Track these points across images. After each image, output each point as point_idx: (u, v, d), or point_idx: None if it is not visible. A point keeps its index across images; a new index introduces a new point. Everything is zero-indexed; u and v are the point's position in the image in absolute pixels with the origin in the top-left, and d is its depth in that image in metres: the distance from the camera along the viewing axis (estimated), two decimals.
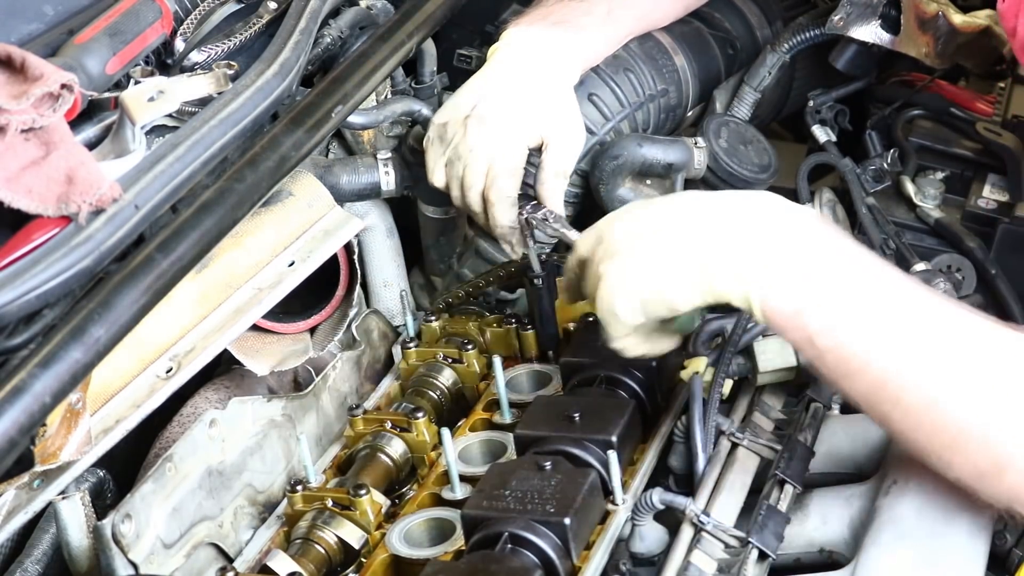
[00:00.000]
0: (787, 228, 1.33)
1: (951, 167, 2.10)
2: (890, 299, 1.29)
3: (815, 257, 1.31)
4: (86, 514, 1.43)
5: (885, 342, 1.27)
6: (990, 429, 1.23)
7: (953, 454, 1.25)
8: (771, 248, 1.32)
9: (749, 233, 1.34)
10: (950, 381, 1.25)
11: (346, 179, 1.87)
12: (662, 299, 1.38)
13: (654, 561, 1.46)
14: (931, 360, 1.26)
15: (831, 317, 1.28)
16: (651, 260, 1.38)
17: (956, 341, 1.27)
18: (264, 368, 1.71)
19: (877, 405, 1.29)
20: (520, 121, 1.79)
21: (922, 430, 1.26)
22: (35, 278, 1.23)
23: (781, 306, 1.30)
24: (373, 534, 1.53)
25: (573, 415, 1.53)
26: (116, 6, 1.57)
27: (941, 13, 1.89)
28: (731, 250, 1.33)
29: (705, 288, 1.35)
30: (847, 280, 1.30)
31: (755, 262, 1.32)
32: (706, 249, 1.35)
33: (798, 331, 1.30)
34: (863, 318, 1.28)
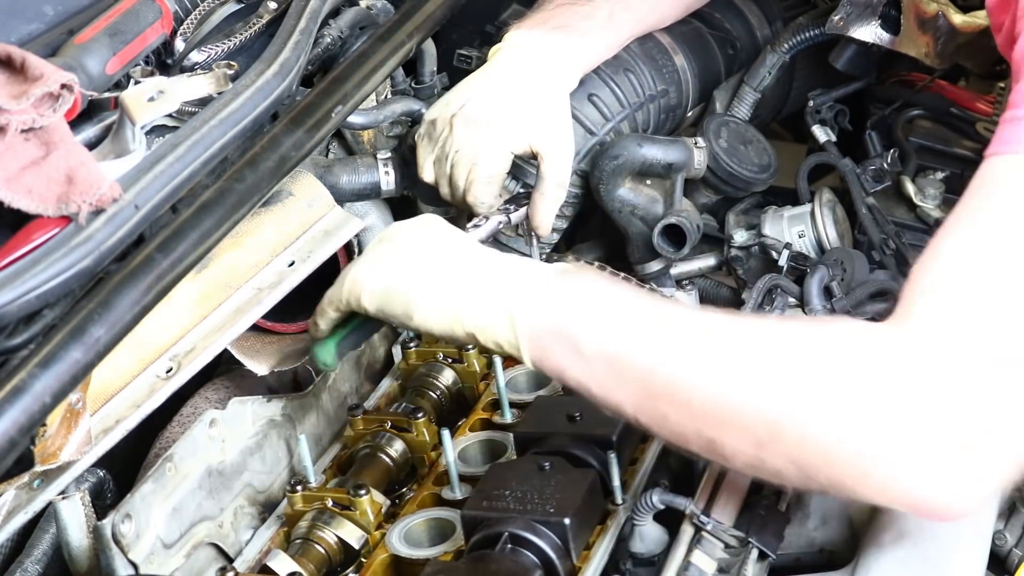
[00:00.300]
0: (543, 270, 1.37)
1: (951, 167, 2.09)
2: (645, 305, 1.32)
3: (572, 284, 1.34)
4: (86, 514, 1.43)
5: (647, 338, 1.28)
6: (759, 397, 1.22)
7: (730, 432, 1.24)
8: (530, 282, 1.35)
9: (509, 272, 1.37)
10: (714, 362, 1.25)
11: (346, 179, 1.87)
12: (406, 302, 1.39)
13: (654, 561, 1.46)
14: (692, 348, 1.27)
15: (595, 324, 1.30)
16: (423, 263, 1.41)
17: (711, 330, 1.28)
18: (264, 368, 1.71)
19: (652, 404, 1.28)
20: (506, 126, 1.79)
21: (696, 416, 1.25)
22: (35, 278, 1.23)
23: (545, 324, 1.32)
24: (373, 534, 1.53)
25: (573, 415, 1.53)
26: (116, 6, 1.57)
27: (941, 13, 1.89)
28: (494, 285, 1.36)
29: (457, 315, 1.37)
30: (603, 296, 1.33)
31: (517, 292, 1.34)
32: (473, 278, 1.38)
33: (564, 345, 1.30)
34: (624, 322, 1.30)
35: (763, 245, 1.93)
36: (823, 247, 1.94)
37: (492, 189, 1.78)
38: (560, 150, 1.81)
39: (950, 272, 1.25)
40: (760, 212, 1.99)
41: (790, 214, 1.97)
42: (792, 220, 1.96)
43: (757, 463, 1.25)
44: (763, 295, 1.74)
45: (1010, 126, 1.32)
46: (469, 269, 1.40)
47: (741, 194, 2.03)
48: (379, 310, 1.43)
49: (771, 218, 1.96)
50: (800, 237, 1.95)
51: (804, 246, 1.94)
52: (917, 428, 1.18)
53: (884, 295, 1.77)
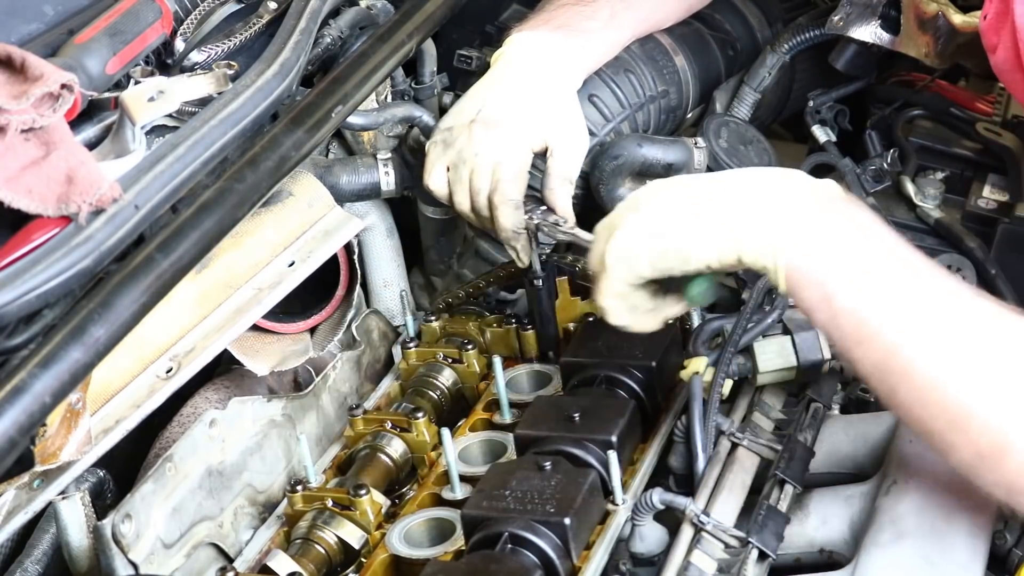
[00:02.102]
0: (813, 196, 1.35)
1: (951, 167, 2.09)
2: (907, 272, 1.30)
3: (837, 224, 1.33)
4: (86, 514, 1.43)
5: (899, 312, 1.27)
6: (994, 411, 1.22)
7: (955, 435, 1.24)
8: (796, 212, 1.34)
9: (775, 197, 1.36)
10: (959, 360, 1.25)
11: (346, 179, 1.87)
12: (677, 249, 1.37)
13: (654, 561, 1.46)
14: (941, 337, 1.26)
15: (850, 280, 1.29)
16: (674, 213, 1.39)
17: (967, 322, 1.27)
18: (264, 368, 1.71)
19: (885, 377, 1.28)
20: (525, 125, 1.79)
21: (927, 408, 1.26)
22: (35, 278, 1.23)
23: (802, 264, 1.31)
24: (373, 534, 1.53)
25: (573, 415, 1.53)
26: (116, 6, 1.57)
27: (941, 13, 1.89)
28: (756, 209, 1.35)
29: (724, 243, 1.35)
30: (867, 249, 1.31)
31: (780, 221, 1.33)
32: (731, 206, 1.36)
33: (816, 289, 1.30)
34: (880, 286, 1.29)
35: None
36: None
37: (519, 186, 1.77)
38: (572, 144, 1.81)
39: None
40: None
41: None
42: None
43: (972, 472, 1.25)
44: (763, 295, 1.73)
45: None
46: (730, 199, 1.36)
47: None
48: (655, 269, 1.40)
49: None
50: None
51: None
52: None
53: None
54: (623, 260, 1.41)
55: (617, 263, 1.41)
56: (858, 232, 1.32)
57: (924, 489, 1.40)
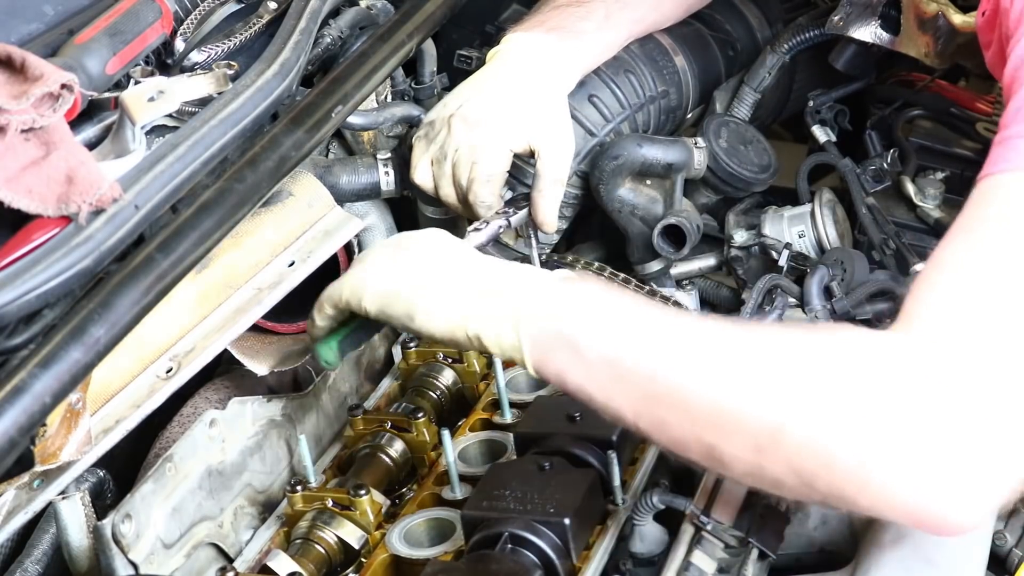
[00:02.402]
0: (546, 278, 1.38)
1: (951, 167, 2.09)
2: (647, 312, 1.32)
3: (576, 291, 1.34)
4: (86, 514, 1.43)
5: (650, 344, 1.28)
6: (758, 402, 1.22)
7: (729, 437, 1.23)
8: (534, 288, 1.35)
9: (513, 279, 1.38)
10: (715, 368, 1.25)
11: (346, 179, 1.87)
12: (410, 303, 1.39)
13: (654, 561, 1.46)
14: (693, 353, 1.27)
15: (597, 330, 1.30)
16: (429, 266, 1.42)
17: (713, 336, 1.28)
18: (264, 368, 1.71)
19: (653, 409, 1.27)
20: (506, 126, 1.79)
21: (697, 421, 1.25)
22: (35, 278, 1.23)
23: (549, 328, 1.32)
24: (373, 534, 1.53)
25: (573, 415, 1.53)
26: (116, 6, 1.57)
27: (941, 13, 1.89)
28: (499, 291, 1.37)
29: (462, 318, 1.36)
30: (606, 303, 1.33)
31: (520, 298, 1.35)
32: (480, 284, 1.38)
33: (566, 350, 1.30)
34: (626, 327, 1.30)
35: (763, 245, 1.93)
36: (823, 247, 1.94)
37: (492, 188, 1.78)
38: (558, 147, 1.81)
39: (952, 284, 1.25)
40: (760, 212, 1.99)
41: (790, 214, 1.97)
42: (792, 220, 1.96)
43: (756, 471, 1.24)
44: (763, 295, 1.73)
45: (1003, 147, 1.33)
46: (473, 274, 1.40)
47: (741, 194, 2.03)
48: (380, 312, 1.42)
49: (771, 218, 1.96)
50: (800, 237, 1.95)
51: (804, 246, 1.94)
52: (920, 439, 1.17)
53: (884, 295, 1.77)
54: (357, 289, 1.44)
55: (351, 288, 1.45)
56: (595, 293, 1.34)
57: None
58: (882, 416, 1.18)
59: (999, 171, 1.31)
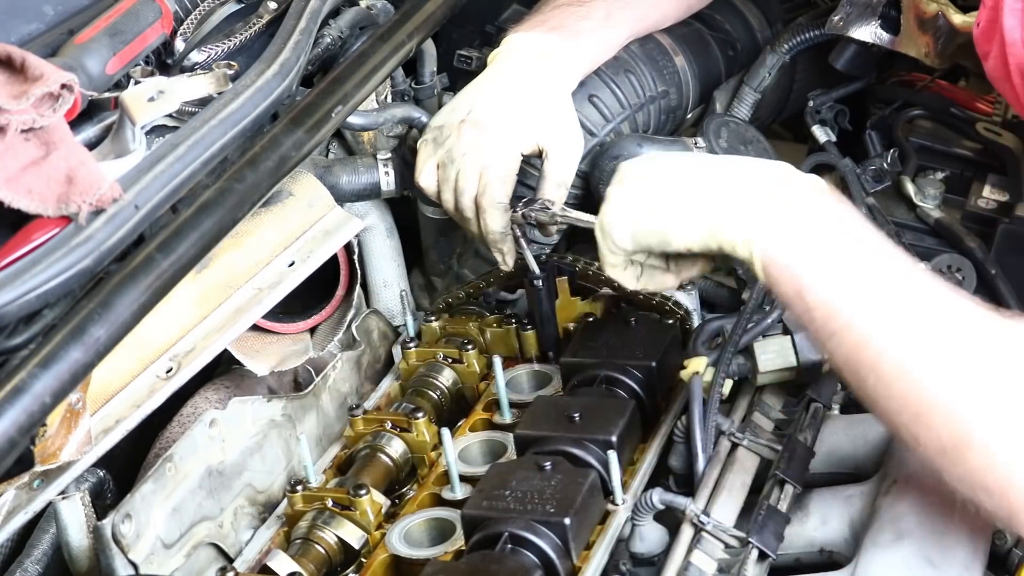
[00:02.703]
0: (795, 189, 1.38)
1: (951, 167, 2.09)
2: (880, 267, 1.32)
3: (816, 218, 1.35)
4: (86, 514, 1.43)
5: (869, 305, 1.29)
6: (957, 404, 1.23)
7: (919, 426, 1.25)
8: (776, 202, 1.36)
9: (757, 187, 1.38)
10: (926, 352, 1.26)
11: (346, 179, 1.87)
12: (657, 230, 1.42)
13: (654, 561, 1.46)
14: (910, 329, 1.27)
15: (823, 274, 1.31)
16: (657, 191, 1.43)
17: (937, 315, 1.28)
18: (264, 368, 1.71)
19: (855, 368, 1.30)
20: (515, 128, 1.79)
21: (893, 399, 1.27)
22: (35, 278, 1.23)
23: (778, 257, 1.33)
24: (373, 534, 1.53)
25: (573, 415, 1.53)
26: (116, 6, 1.57)
27: (941, 13, 1.89)
28: (739, 198, 1.38)
29: (705, 230, 1.39)
30: (842, 243, 1.33)
31: (760, 212, 1.36)
32: (714, 193, 1.40)
33: (791, 283, 1.33)
34: (852, 279, 1.31)
35: None
36: None
37: (507, 188, 1.77)
38: (566, 148, 1.81)
39: None
40: None
41: None
42: None
43: (937, 467, 1.26)
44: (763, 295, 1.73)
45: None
46: (714, 186, 1.40)
47: None
48: (637, 244, 1.45)
49: None
50: None
51: None
52: None
53: None
54: (607, 233, 1.47)
55: (604, 236, 1.47)
56: (836, 226, 1.35)
57: (924, 489, 1.40)
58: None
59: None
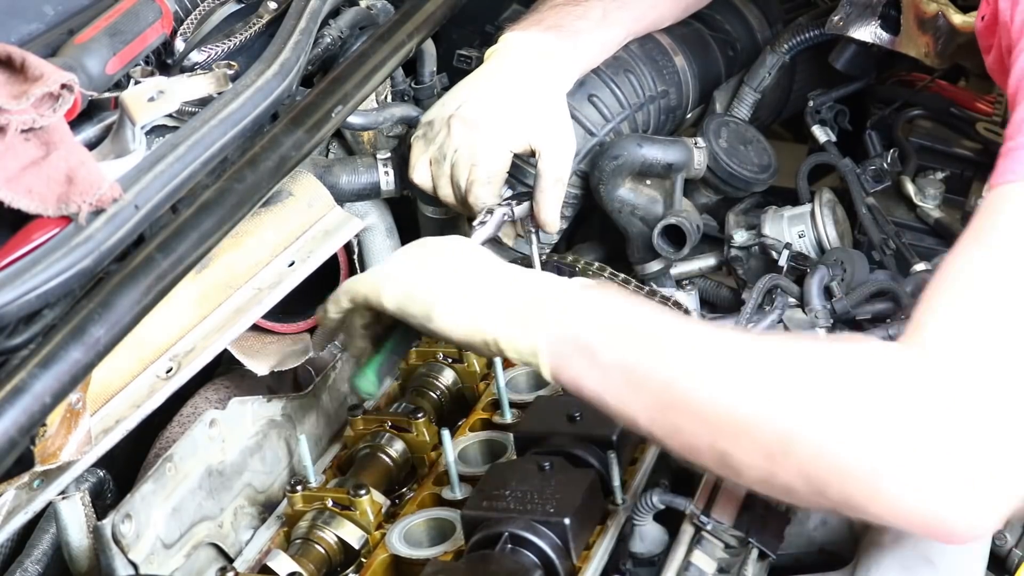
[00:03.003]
0: (566, 285, 1.38)
1: (951, 167, 2.09)
2: (663, 319, 1.33)
3: (593, 297, 1.35)
4: (86, 514, 1.43)
5: (665, 351, 1.29)
6: (771, 410, 1.23)
7: (741, 444, 1.24)
8: (552, 295, 1.36)
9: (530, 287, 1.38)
10: (729, 377, 1.26)
11: (346, 179, 1.87)
12: (428, 304, 1.39)
13: (654, 561, 1.46)
14: (708, 362, 1.27)
15: (613, 335, 1.31)
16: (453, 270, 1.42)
17: (726, 345, 1.29)
18: (264, 368, 1.71)
19: (667, 414, 1.28)
20: (505, 127, 1.79)
21: (711, 428, 1.26)
22: (35, 278, 1.23)
23: (566, 334, 1.32)
24: (373, 534, 1.53)
25: (573, 415, 1.53)
26: (116, 6, 1.57)
27: (941, 13, 1.89)
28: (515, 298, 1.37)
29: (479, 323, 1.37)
30: (623, 308, 1.34)
31: (537, 306, 1.35)
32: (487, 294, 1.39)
33: (583, 355, 1.31)
34: (642, 333, 1.31)
35: (763, 245, 1.93)
36: (823, 247, 1.94)
37: (492, 189, 1.78)
38: (558, 146, 1.81)
39: (961, 295, 1.25)
40: (760, 212, 1.99)
41: (790, 214, 1.97)
42: (792, 220, 1.96)
43: (768, 477, 1.25)
44: (763, 295, 1.73)
45: (1009, 158, 1.33)
46: (493, 279, 1.40)
47: (741, 194, 2.03)
48: (398, 308, 1.42)
49: (771, 218, 1.96)
50: (800, 237, 1.95)
51: (804, 246, 1.94)
52: (932, 449, 1.18)
53: (884, 295, 1.77)
54: (378, 285, 1.43)
55: (371, 283, 1.44)
56: (613, 301, 1.35)
57: None
58: (893, 427, 1.19)
59: (1006, 181, 1.31)
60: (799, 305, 1.76)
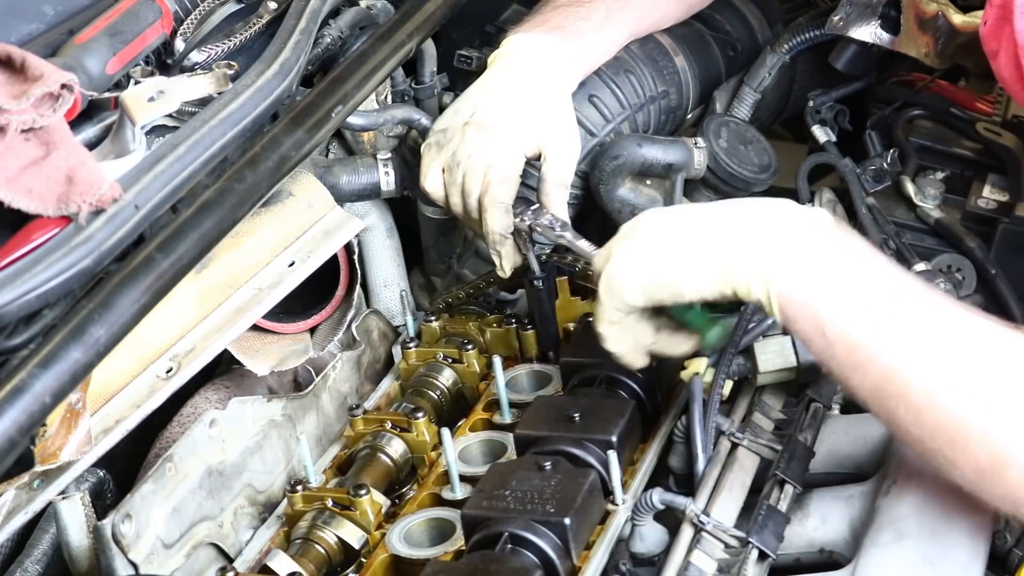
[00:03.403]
0: (803, 225, 1.37)
1: (951, 167, 2.10)
2: (898, 295, 1.31)
3: (829, 252, 1.35)
4: (86, 514, 1.43)
5: (892, 335, 1.28)
6: (991, 425, 1.23)
7: (955, 451, 1.25)
8: (788, 242, 1.36)
9: (767, 228, 1.38)
10: (954, 377, 1.25)
11: (346, 179, 1.87)
12: (670, 281, 1.41)
13: (654, 561, 1.46)
14: (936, 355, 1.27)
15: (842, 307, 1.31)
16: (668, 243, 1.42)
17: (960, 339, 1.28)
18: (264, 368, 1.71)
19: (883, 400, 1.29)
20: (517, 129, 1.79)
21: (925, 426, 1.27)
22: (35, 278, 1.23)
23: (795, 295, 1.33)
24: (373, 534, 1.53)
25: (573, 415, 1.53)
26: (116, 6, 1.57)
27: (941, 13, 1.89)
28: (748, 240, 1.37)
29: (719, 277, 1.38)
30: (858, 275, 1.33)
31: (773, 253, 1.35)
32: (723, 238, 1.39)
33: (810, 320, 1.32)
34: (872, 310, 1.30)
35: None
36: None
37: (510, 188, 1.77)
38: (563, 150, 1.81)
39: None
40: None
41: None
42: None
43: (975, 488, 1.26)
44: None
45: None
46: (725, 231, 1.40)
47: (741, 194, 2.03)
48: (649, 299, 1.43)
49: None
50: None
51: None
52: None
53: None
54: (616, 289, 1.44)
55: (610, 291, 1.45)
56: (849, 258, 1.34)
57: (924, 489, 1.40)
58: None
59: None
60: None
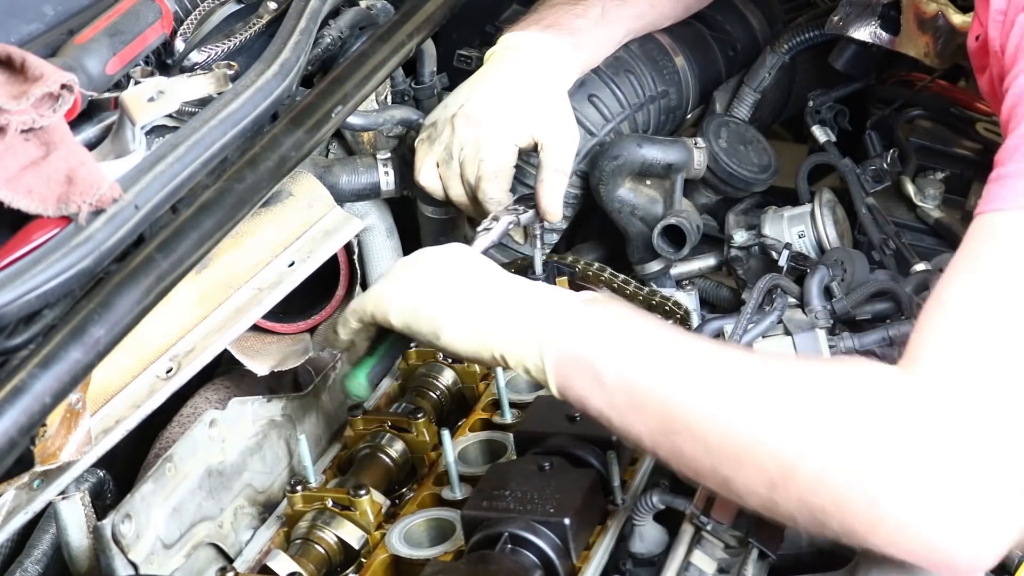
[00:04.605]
0: (571, 300, 1.38)
1: (951, 167, 2.09)
2: (664, 338, 1.33)
3: (598, 314, 1.35)
4: (86, 514, 1.43)
5: (666, 370, 1.29)
6: (774, 437, 1.23)
7: (745, 469, 1.24)
8: (558, 311, 1.36)
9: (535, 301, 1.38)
10: (731, 401, 1.26)
11: (346, 179, 1.87)
12: (433, 318, 1.40)
13: (654, 561, 1.46)
14: (707, 381, 1.28)
15: (617, 354, 1.31)
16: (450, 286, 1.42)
17: (733, 369, 1.28)
18: (264, 368, 1.71)
19: (669, 435, 1.28)
20: (508, 122, 1.79)
21: (712, 450, 1.26)
22: (35, 278, 1.23)
23: (571, 353, 1.32)
24: (373, 534, 1.53)
25: (573, 415, 1.53)
26: (116, 6, 1.57)
27: (941, 13, 1.89)
28: (523, 315, 1.37)
29: (485, 340, 1.37)
30: (627, 327, 1.34)
31: (545, 322, 1.35)
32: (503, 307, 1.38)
33: (587, 373, 1.31)
34: (645, 352, 1.31)
35: (763, 245, 1.93)
36: (823, 247, 1.94)
37: (501, 184, 1.78)
38: (560, 136, 1.81)
39: (953, 324, 1.25)
40: (760, 212, 1.99)
41: (790, 214, 1.97)
42: (792, 220, 1.96)
43: (770, 504, 1.25)
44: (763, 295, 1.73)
45: (999, 184, 1.33)
46: (500, 293, 1.40)
47: (741, 194, 2.03)
48: (406, 326, 1.43)
49: (771, 218, 1.96)
50: (800, 237, 1.95)
51: (804, 246, 1.94)
52: (933, 480, 1.18)
53: (884, 295, 1.77)
54: (380, 304, 1.44)
55: (377, 303, 1.44)
56: (617, 316, 1.35)
57: None
58: (894, 457, 1.19)
59: (995, 209, 1.31)
60: (799, 305, 1.76)
